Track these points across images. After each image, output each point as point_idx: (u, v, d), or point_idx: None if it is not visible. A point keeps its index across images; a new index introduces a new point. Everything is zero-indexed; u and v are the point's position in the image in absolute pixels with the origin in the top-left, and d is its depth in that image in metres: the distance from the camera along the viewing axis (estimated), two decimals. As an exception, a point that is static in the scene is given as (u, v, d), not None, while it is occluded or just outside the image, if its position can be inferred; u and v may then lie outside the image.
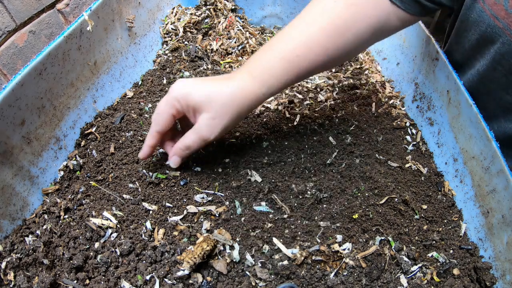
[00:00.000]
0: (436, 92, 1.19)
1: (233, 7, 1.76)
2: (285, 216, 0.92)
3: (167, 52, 1.48)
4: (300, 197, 0.96)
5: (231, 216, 0.89)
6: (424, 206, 0.98)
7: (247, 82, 0.86)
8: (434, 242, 0.89)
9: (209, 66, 1.44)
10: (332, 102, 1.30)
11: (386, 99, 1.36)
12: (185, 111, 0.87)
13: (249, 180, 0.98)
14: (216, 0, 1.67)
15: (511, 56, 0.90)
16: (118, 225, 0.87)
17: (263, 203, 0.93)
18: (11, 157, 0.86)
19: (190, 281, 0.76)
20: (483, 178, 0.94)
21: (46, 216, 0.89)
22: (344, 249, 0.84)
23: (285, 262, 0.80)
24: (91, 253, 0.82)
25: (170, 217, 0.89)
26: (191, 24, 1.59)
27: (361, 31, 0.91)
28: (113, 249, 0.82)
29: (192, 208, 0.91)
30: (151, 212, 0.90)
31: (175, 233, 0.86)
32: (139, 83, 1.33)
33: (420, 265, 0.84)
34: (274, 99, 1.30)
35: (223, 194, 0.95)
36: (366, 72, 1.49)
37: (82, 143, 1.06)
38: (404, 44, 1.43)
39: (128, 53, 1.34)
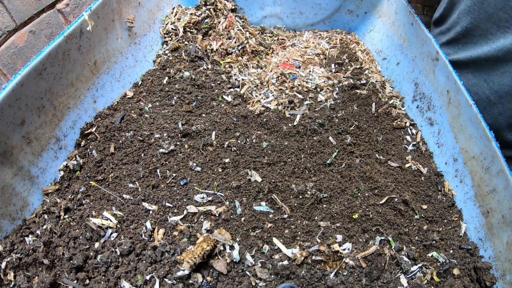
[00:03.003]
0: (436, 92, 1.19)
1: (233, 7, 1.77)
2: (285, 216, 0.92)
3: (167, 52, 1.48)
4: (300, 197, 0.96)
5: (231, 216, 0.89)
6: (424, 206, 0.98)
7: None
8: (434, 242, 0.89)
9: (209, 66, 1.44)
10: (332, 102, 1.30)
11: (386, 99, 1.36)
12: None
13: (249, 180, 0.98)
14: (216, 0, 1.67)
15: None
16: (118, 225, 0.87)
17: (263, 203, 0.93)
18: (11, 157, 0.86)
19: (190, 281, 0.76)
20: (483, 178, 0.94)
21: (46, 216, 0.89)
22: (344, 249, 0.84)
23: (285, 262, 0.80)
24: (91, 253, 0.82)
25: (170, 217, 0.89)
26: (191, 24, 1.59)
27: None
28: (113, 249, 0.83)
29: (192, 208, 0.91)
30: (151, 212, 0.91)
31: (175, 233, 0.86)
32: (139, 83, 1.33)
33: (420, 265, 0.84)
34: (274, 99, 1.30)
35: (223, 194, 0.95)
36: (366, 72, 1.49)
37: (82, 143, 1.06)
38: (404, 44, 1.43)
39: (128, 53, 1.34)
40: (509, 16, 0.93)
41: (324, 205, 0.95)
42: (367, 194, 0.97)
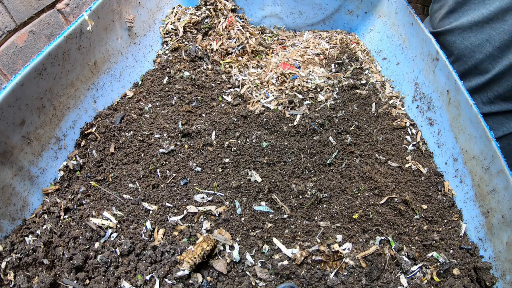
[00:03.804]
0: (436, 92, 1.19)
1: (233, 7, 1.77)
2: (285, 216, 0.92)
3: (167, 52, 1.48)
4: (300, 197, 0.96)
5: (231, 216, 0.89)
6: (424, 206, 0.98)
7: None
8: (434, 242, 0.89)
9: (209, 66, 1.44)
10: (332, 102, 1.30)
11: (386, 99, 1.36)
12: None
13: (249, 180, 0.98)
14: (216, 0, 1.67)
15: None
16: (118, 225, 0.87)
17: (263, 203, 0.93)
18: (11, 157, 0.86)
19: (190, 281, 0.76)
20: (483, 178, 0.94)
21: (46, 216, 0.89)
22: (344, 249, 0.84)
23: (285, 262, 0.80)
24: (91, 253, 0.82)
25: (170, 217, 0.89)
26: (191, 24, 1.59)
27: None
28: (113, 249, 0.83)
29: (192, 208, 0.91)
30: (151, 212, 0.91)
31: (175, 233, 0.86)
32: (139, 83, 1.33)
33: (420, 265, 0.84)
34: (274, 99, 1.30)
35: (223, 194, 0.95)
36: (366, 72, 1.49)
37: (82, 143, 1.06)
38: (404, 44, 1.43)
39: (128, 53, 1.34)
40: None
41: (324, 205, 0.95)
42: (367, 194, 0.97)
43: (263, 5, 1.81)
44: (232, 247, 0.82)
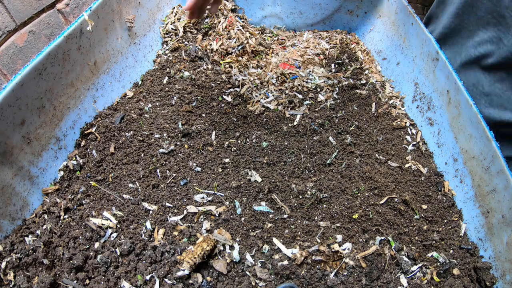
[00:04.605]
0: (436, 92, 1.19)
1: (233, 7, 1.77)
2: (285, 216, 0.92)
3: (167, 52, 1.48)
4: (300, 197, 0.96)
5: (231, 216, 0.90)
6: (424, 206, 0.98)
7: None
8: (434, 242, 0.89)
9: (209, 66, 1.44)
10: (332, 102, 1.30)
11: (386, 99, 1.36)
12: None
13: (249, 180, 0.98)
14: (216, 0, 1.67)
15: None
16: (118, 225, 0.87)
17: (263, 203, 0.93)
18: (11, 157, 0.86)
19: (190, 281, 0.76)
20: (483, 178, 0.94)
21: (46, 216, 0.89)
22: (344, 249, 0.84)
23: (285, 262, 0.80)
24: (91, 253, 0.82)
25: (170, 217, 0.89)
26: (191, 24, 1.59)
27: None
28: (113, 249, 0.83)
29: (192, 208, 0.91)
30: (151, 212, 0.91)
31: (175, 233, 0.86)
32: (139, 83, 1.33)
33: (420, 265, 0.84)
34: (274, 99, 1.30)
35: (223, 194, 0.95)
36: (366, 72, 1.49)
37: (82, 143, 1.06)
38: (404, 44, 1.43)
39: (128, 53, 1.34)
40: None
41: (324, 205, 0.95)
42: (367, 194, 0.97)
43: (263, 5, 1.81)
44: (232, 247, 0.82)
